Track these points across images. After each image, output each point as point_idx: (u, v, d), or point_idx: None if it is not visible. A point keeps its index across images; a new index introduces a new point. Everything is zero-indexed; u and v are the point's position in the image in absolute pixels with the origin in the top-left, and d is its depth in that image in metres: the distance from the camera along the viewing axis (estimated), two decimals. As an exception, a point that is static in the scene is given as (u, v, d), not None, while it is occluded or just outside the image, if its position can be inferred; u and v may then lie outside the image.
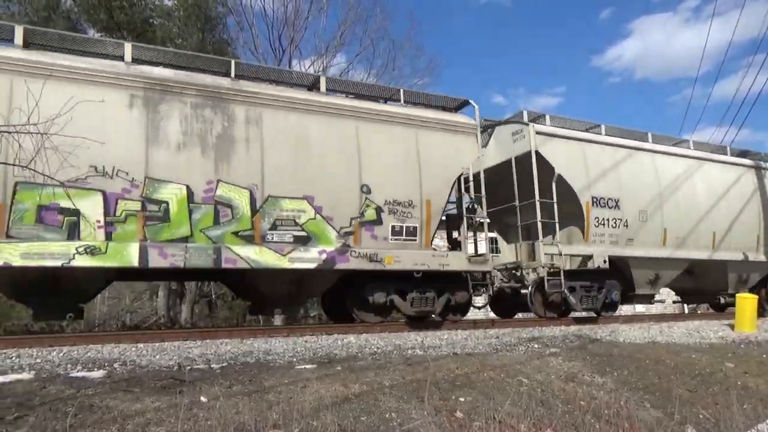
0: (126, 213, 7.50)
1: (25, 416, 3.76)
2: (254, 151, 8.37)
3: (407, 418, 4.31)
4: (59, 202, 7.14)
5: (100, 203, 7.35)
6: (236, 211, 8.12)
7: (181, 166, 7.88)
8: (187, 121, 8.05)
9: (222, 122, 8.25)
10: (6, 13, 15.88)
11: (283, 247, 8.33)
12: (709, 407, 5.48)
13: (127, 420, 3.79)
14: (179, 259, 7.65)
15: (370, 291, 9.15)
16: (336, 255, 8.65)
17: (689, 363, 6.96)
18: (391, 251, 9.08)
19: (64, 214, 7.19)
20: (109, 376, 4.97)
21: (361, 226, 8.98)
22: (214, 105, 8.27)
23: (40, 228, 7.06)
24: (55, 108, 6.49)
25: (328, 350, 6.71)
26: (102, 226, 7.33)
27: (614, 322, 11.16)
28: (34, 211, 7.03)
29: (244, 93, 8.52)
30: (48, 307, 7.64)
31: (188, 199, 7.85)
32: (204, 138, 8.09)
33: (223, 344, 7.10)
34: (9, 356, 5.94)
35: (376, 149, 9.22)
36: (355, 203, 8.95)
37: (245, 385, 4.78)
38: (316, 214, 8.65)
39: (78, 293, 7.81)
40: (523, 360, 6.40)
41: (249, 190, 8.23)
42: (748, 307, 10.22)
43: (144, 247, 7.47)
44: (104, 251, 7.26)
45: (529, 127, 10.88)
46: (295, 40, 20.42)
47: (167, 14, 18.53)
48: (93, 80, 7.59)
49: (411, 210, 9.33)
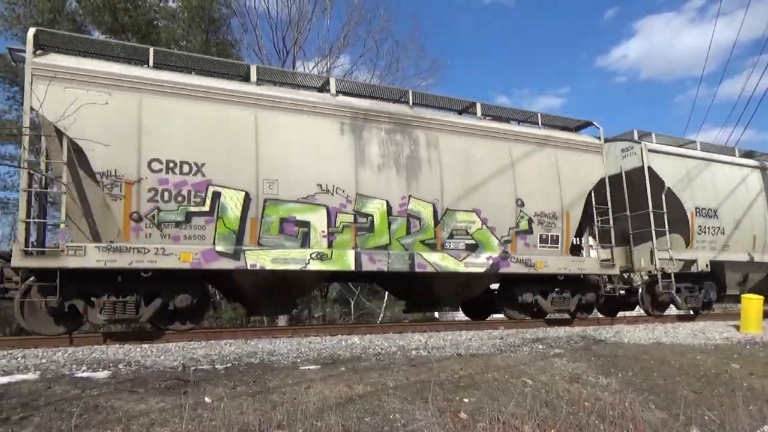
0: (343, 224, 8.72)
1: (31, 416, 3.78)
2: (435, 170, 9.57)
3: (411, 418, 4.31)
4: (296, 215, 8.41)
5: (324, 216, 8.58)
6: (423, 223, 9.35)
7: (381, 184, 9.10)
8: (384, 145, 9.28)
9: (409, 145, 9.50)
10: (12, 16, 15.96)
11: (460, 254, 9.55)
12: (715, 408, 5.45)
13: (131, 420, 3.80)
14: (384, 264, 8.92)
15: (519, 291, 10.45)
16: (499, 260, 9.90)
17: (694, 364, 6.93)
18: (541, 257, 10.31)
19: (299, 226, 8.43)
20: (113, 376, 4.99)
21: (517, 235, 10.19)
22: (402, 130, 9.52)
23: (282, 237, 8.31)
24: (288, 136, 8.37)
25: (332, 351, 6.71)
26: (326, 235, 8.58)
27: (619, 323, 11.19)
28: (277, 223, 8.28)
29: (424, 119, 9.79)
30: (278, 304, 9.22)
31: (387, 212, 9.08)
32: (397, 159, 9.33)
33: (228, 345, 7.12)
34: (15, 356, 5.97)
35: (525, 167, 10.42)
36: (512, 215, 10.17)
37: (249, 385, 4.79)
38: (482, 224, 9.86)
39: (301, 292, 9.61)
40: (528, 361, 6.39)
41: (432, 204, 9.45)
42: (754, 308, 10.17)
43: (358, 254, 8.73)
44: (330, 257, 8.51)
45: (641, 144, 12.10)
46: (298, 42, 20.41)
47: (171, 16, 18.59)
48: (313, 111, 8.84)
49: (554, 221, 10.59)
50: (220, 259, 7.80)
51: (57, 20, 16.23)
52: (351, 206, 8.76)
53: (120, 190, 7.39)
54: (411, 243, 9.17)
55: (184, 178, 7.71)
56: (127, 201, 7.41)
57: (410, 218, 9.20)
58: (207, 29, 18.19)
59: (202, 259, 7.68)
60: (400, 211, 9.13)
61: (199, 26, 17.99)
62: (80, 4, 17.45)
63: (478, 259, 9.67)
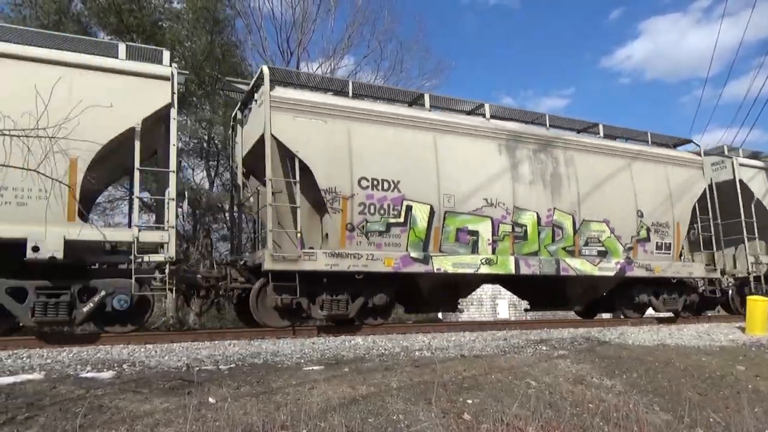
0: (503, 233, 9.94)
1: (36, 416, 3.79)
2: (572, 185, 10.86)
3: (414, 419, 4.31)
4: (468, 225, 9.65)
5: (490, 226, 9.81)
6: (564, 232, 10.63)
7: (532, 197, 10.35)
8: (532, 163, 10.52)
9: (551, 163, 10.76)
10: (17, 17, 16.03)
11: (594, 259, 10.85)
12: (720, 411, 5.43)
13: (136, 420, 3.82)
14: (536, 268, 10.10)
15: (636, 292, 11.84)
16: (625, 265, 11.20)
17: (699, 366, 6.90)
18: (657, 262, 11.67)
19: (470, 235, 9.66)
20: (118, 376, 5.00)
21: (638, 243, 11.54)
22: (545, 150, 10.76)
23: (457, 245, 9.53)
24: (459, 156, 9.68)
25: (336, 352, 6.71)
26: (491, 243, 9.80)
27: (623, 325, 11.17)
28: (454, 232, 9.51)
29: (562, 140, 11.11)
30: (447, 303, 10.40)
31: (537, 222, 10.33)
32: (543, 176, 10.58)
33: (231, 345, 7.13)
34: (20, 356, 6.00)
35: (643, 181, 11.74)
36: (633, 225, 11.51)
37: (253, 386, 4.79)
38: (611, 233, 11.18)
39: (466, 292, 10.74)
40: (531, 362, 6.38)
41: (571, 215, 10.74)
42: (759, 309, 10.12)
43: (516, 259, 9.96)
44: (495, 262, 9.77)
45: (732, 159, 13.53)
46: (303, 43, 20.48)
47: (176, 17, 18.62)
48: (477, 134, 10.10)
49: (667, 229, 11.95)
50: (414, 264, 9.09)
51: (62, 21, 16.30)
52: (510, 217, 10.04)
53: (338, 204, 8.70)
54: (555, 250, 10.48)
55: (384, 194, 9.03)
56: (343, 214, 8.71)
57: (554, 228, 10.52)
58: (212, 30, 18.21)
59: (400, 264, 8.95)
60: (546, 221, 10.44)
61: (203, 27, 18.01)
62: (85, 5, 17.51)
63: (609, 264, 10.98)
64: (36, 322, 7.13)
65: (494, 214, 9.83)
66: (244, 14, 20.09)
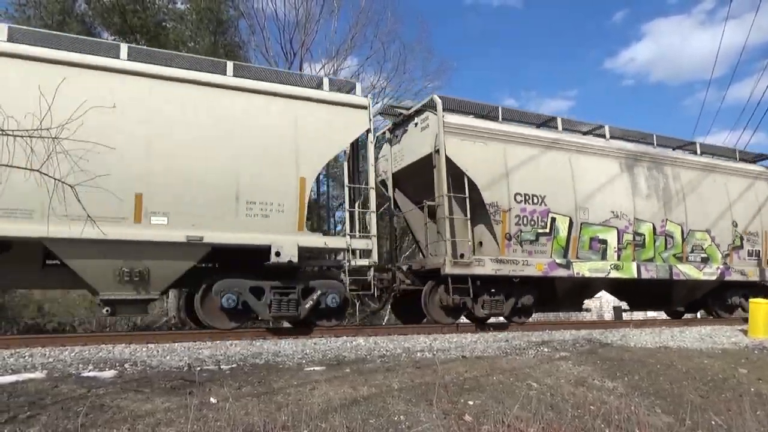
0: (626, 242, 11.17)
1: (38, 415, 3.80)
2: (680, 198, 12.16)
3: (416, 420, 4.31)
4: (598, 235, 10.90)
5: (615, 236, 11.06)
6: (675, 240, 11.92)
7: (648, 210, 11.61)
8: (647, 179, 11.81)
9: (662, 179, 12.04)
10: (22, 17, 16.09)
11: (699, 265, 12.11)
12: (722, 413, 5.42)
13: (137, 420, 3.82)
14: (654, 273, 11.40)
15: (730, 295, 13.11)
16: (724, 270, 12.44)
17: (701, 368, 6.89)
18: (749, 267, 12.94)
19: (600, 243, 10.90)
20: (120, 376, 5.01)
21: (733, 250, 12.79)
22: (657, 167, 12.06)
23: (590, 252, 10.77)
24: (590, 173, 10.96)
25: (338, 352, 6.71)
26: (617, 250, 11.05)
27: (625, 327, 11.14)
28: (588, 241, 10.76)
29: (670, 158, 12.44)
30: (575, 303, 11.68)
31: (653, 232, 11.58)
32: (656, 190, 11.88)
33: (233, 345, 7.12)
34: (22, 355, 6.01)
35: (736, 194, 13.01)
36: (729, 234, 12.79)
37: (254, 386, 4.80)
38: (711, 242, 12.42)
39: (590, 294, 12.07)
40: (533, 364, 6.37)
41: (680, 225, 11.98)
42: (762, 312, 10.08)
43: (638, 265, 11.23)
44: (621, 268, 11.01)
45: None
46: (306, 43, 20.47)
47: (180, 17, 18.68)
48: (602, 154, 11.40)
49: (756, 238, 13.22)
50: (559, 269, 10.30)
51: (66, 22, 16.37)
52: (631, 228, 11.27)
53: (499, 216, 9.87)
54: (667, 257, 11.75)
55: (534, 207, 10.23)
56: (503, 225, 9.90)
57: (666, 237, 11.78)
58: (215, 31, 18.27)
59: (548, 269, 10.18)
60: (660, 231, 11.70)
61: (207, 28, 18.07)
62: (89, 5, 17.58)
63: (711, 270, 12.22)
64: (272, 316, 8.36)
65: (619, 224, 11.15)
66: (247, 15, 20.14)
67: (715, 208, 12.62)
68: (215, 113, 8.06)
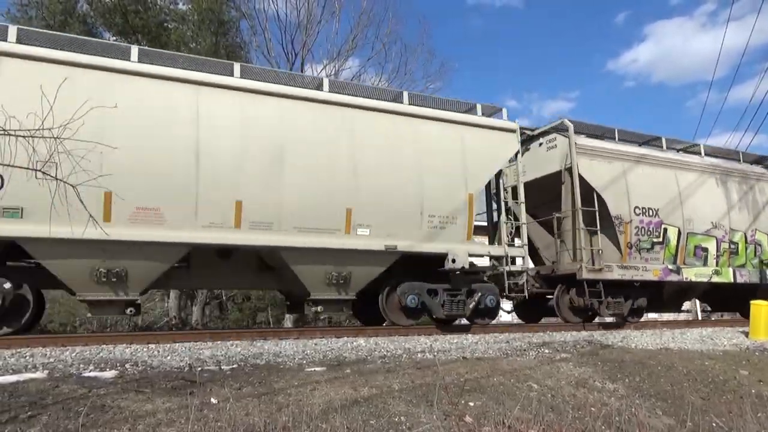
0: (723, 250, 12.39)
1: (38, 415, 3.81)
2: (765, 209, 13.29)
3: (416, 422, 4.31)
4: (701, 243, 12.09)
5: (715, 244, 12.29)
6: (762, 248, 13.15)
7: (740, 220, 12.80)
8: (738, 192, 13.00)
9: (749, 192, 13.23)
10: (24, 18, 16.12)
11: None
12: (722, 415, 5.41)
13: (138, 420, 3.82)
14: (746, 277, 12.60)
15: None
16: None
17: (702, 370, 6.88)
18: None
19: (702, 251, 12.10)
20: (120, 376, 5.01)
21: None
22: (744, 182, 13.24)
23: (693, 258, 11.96)
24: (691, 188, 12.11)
25: (338, 353, 6.71)
26: (716, 257, 12.27)
27: (626, 328, 11.15)
28: (692, 249, 11.94)
29: (756, 174, 13.56)
30: (673, 304, 12.94)
31: (745, 240, 12.81)
32: (746, 202, 13.08)
33: (234, 346, 7.13)
34: (23, 355, 6.01)
35: None
36: None
37: (255, 386, 4.80)
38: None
39: (690, 296, 13.51)
40: (534, 365, 6.37)
41: (766, 234, 13.26)
42: (763, 314, 10.06)
43: (733, 270, 12.46)
44: (720, 273, 12.21)
45: None
46: (307, 44, 20.46)
47: (181, 18, 18.70)
48: (700, 170, 12.56)
49: None
50: (671, 274, 11.50)
51: (68, 22, 16.39)
52: (727, 237, 12.43)
53: (622, 228, 11.03)
54: (756, 263, 12.97)
55: (650, 219, 11.40)
56: (625, 235, 11.06)
57: (756, 245, 12.99)
58: (216, 31, 18.27)
59: (663, 274, 11.40)
60: (750, 240, 12.91)
61: (208, 28, 18.08)
62: (91, 6, 17.59)
63: None
64: (446, 315, 9.38)
65: (717, 234, 12.31)
66: (248, 16, 20.12)
67: None
68: (407, 138, 9.28)
